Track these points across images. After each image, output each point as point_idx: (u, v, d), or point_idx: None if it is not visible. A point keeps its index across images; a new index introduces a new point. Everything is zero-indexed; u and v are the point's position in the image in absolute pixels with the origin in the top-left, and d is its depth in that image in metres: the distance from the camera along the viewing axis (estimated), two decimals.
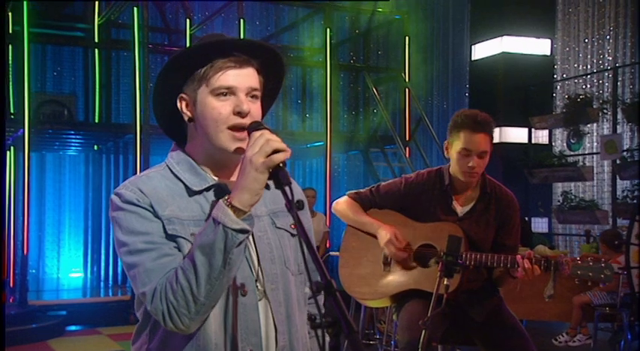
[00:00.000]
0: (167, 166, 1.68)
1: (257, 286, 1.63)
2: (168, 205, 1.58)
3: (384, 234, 3.11)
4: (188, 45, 10.00)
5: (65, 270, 10.45)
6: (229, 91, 1.59)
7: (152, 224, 1.57)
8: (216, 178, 1.66)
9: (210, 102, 1.59)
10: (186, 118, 1.65)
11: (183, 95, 1.64)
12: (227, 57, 1.60)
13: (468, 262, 2.91)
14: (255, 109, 1.61)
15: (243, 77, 1.60)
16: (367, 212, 3.25)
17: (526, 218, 8.98)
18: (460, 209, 3.11)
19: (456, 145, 3.01)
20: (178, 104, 1.65)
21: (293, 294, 1.70)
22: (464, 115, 3.05)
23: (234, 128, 1.59)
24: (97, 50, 9.83)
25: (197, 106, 1.62)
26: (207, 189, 1.64)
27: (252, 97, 1.62)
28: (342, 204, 3.28)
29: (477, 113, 3.04)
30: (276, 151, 1.48)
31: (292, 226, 1.73)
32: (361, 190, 3.30)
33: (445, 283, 2.63)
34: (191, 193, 1.62)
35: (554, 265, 2.84)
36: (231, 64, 1.59)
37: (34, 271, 9.67)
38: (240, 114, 1.58)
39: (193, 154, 1.67)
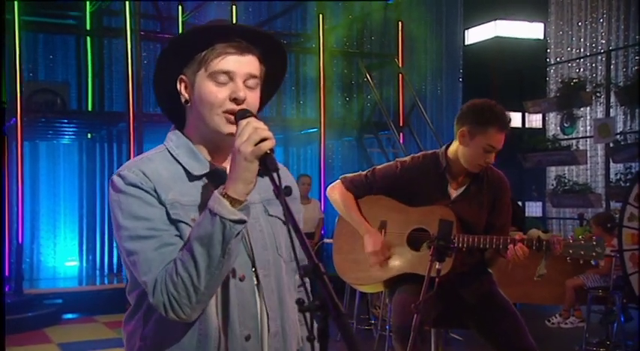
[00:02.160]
0: (166, 148, 1.67)
1: (253, 272, 1.64)
2: (171, 189, 1.58)
3: (371, 243, 3.13)
4: (181, 31, 9.96)
5: (61, 258, 10.46)
6: (227, 77, 1.59)
7: (154, 210, 1.56)
8: (214, 163, 1.66)
9: (207, 86, 1.60)
10: (183, 100, 1.65)
11: (183, 77, 1.64)
12: (228, 42, 1.60)
13: (460, 245, 2.93)
14: (251, 97, 1.61)
15: (242, 64, 1.60)
16: (361, 199, 3.24)
17: (519, 202, 8.98)
18: (454, 192, 3.12)
19: (479, 139, 2.96)
20: (178, 86, 1.65)
21: (285, 281, 1.71)
22: (492, 110, 2.98)
23: (229, 112, 1.59)
24: (89, 38, 9.78)
25: (195, 88, 1.62)
26: (206, 174, 1.64)
27: (250, 85, 1.61)
28: (336, 193, 3.25)
29: (503, 111, 3.00)
30: (263, 139, 1.49)
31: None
32: (356, 176, 3.27)
33: (437, 267, 2.64)
34: (191, 177, 1.63)
35: (545, 245, 2.87)
36: (232, 50, 1.59)
37: (29, 260, 9.68)
38: (235, 100, 1.58)
39: (191, 136, 1.67)
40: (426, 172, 3.13)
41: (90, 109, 9.69)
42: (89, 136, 10.05)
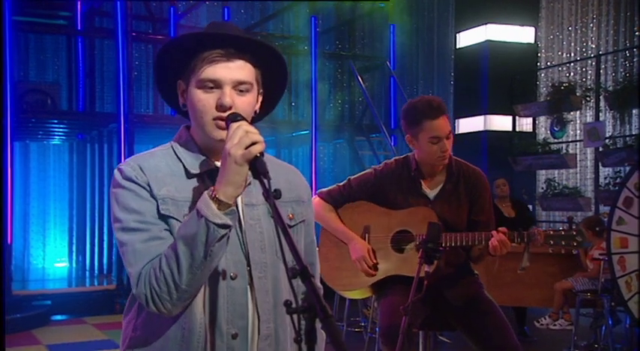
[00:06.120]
0: (171, 146, 1.72)
1: (247, 272, 1.65)
2: (165, 185, 1.62)
3: (358, 248, 3.15)
4: (173, 33, 9.96)
5: (50, 260, 10.41)
6: (215, 84, 1.61)
7: (146, 204, 1.60)
8: (213, 162, 1.69)
9: (196, 94, 1.62)
10: (180, 104, 1.70)
11: (180, 82, 1.68)
12: (216, 49, 1.61)
13: (445, 244, 2.95)
14: (242, 101, 1.62)
15: (230, 70, 1.60)
16: (341, 207, 3.27)
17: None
18: (430, 192, 3.15)
19: (422, 137, 3.02)
20: (178, 89, 1.70)
21: (283, 285, 1.70)
22: (415, 107, 3.03)
23: (218, 119, 1.61)
24: (80, 38, 9.75)
25: (188, 94, 1.66)
26: (205, 173, 1.66)
27: (241, 90, 1.62)
28: (315, 207, 3.25)
29: (429, 99, 3.04)
30: (254, 143, 1.50)
31: (290, 216, 1.76)
32: (332, 189, 3.30)
33: (426, 269, 2.65)
34: (189, 175, 1.66)
35: (527, 237, 2.89)
36: (219, 56, 1.60)
37: (20, 262, 9.63)
38: (222, 107, 1.60)
39: (194, 135, 1.71)
40: (399, 176, 3.17)
41: (81, 109, 9.66)
42: (80, 136, 10.02)
